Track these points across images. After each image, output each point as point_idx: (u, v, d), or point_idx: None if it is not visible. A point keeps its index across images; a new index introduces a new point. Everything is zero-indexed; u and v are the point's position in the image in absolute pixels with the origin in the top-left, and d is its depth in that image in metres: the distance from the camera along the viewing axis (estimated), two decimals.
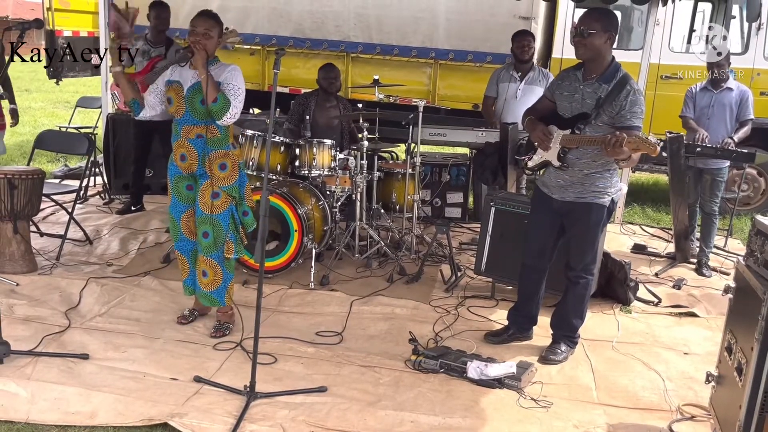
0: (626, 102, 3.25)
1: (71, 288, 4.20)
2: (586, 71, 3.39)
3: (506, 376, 3.29)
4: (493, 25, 6.76)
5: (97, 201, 6.41)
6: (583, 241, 3.51)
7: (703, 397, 3.13)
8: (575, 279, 3.59)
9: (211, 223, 3.57)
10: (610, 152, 3.14)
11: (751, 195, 7.32)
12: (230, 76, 3.50)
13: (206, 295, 3.70)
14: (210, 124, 3.51)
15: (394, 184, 5.44)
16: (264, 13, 7.37)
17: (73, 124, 8.29)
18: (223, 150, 3.57)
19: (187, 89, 3.51)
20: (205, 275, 3.65)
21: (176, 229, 3.71)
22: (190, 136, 3.53)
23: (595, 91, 3.33)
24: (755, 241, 2.68)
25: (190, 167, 3.57)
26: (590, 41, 3.27)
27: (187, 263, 3.76)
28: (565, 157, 3.41)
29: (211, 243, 3.59)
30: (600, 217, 3.47)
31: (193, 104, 3.48)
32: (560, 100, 3.48)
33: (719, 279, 5.07)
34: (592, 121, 3.32)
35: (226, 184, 3.56)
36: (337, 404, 3.04)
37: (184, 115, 3.52)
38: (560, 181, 3.47)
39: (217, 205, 3.56)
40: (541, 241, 3.64)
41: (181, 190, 3.65)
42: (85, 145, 5.25)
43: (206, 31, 3.45)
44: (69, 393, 3.01)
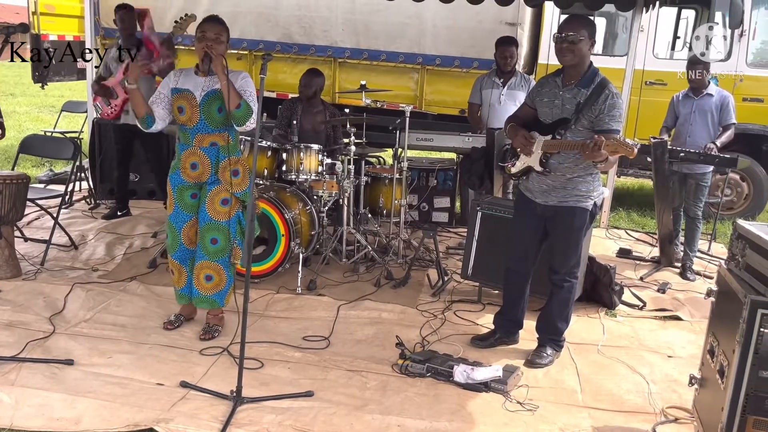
0: (605, 106, 3.29)
1: (56, 293, 4.17)
2: (565, 77, 3.43)
3: (492, 379, 3.30)
4: (480, 31, 6.80)
5: (82, 206, 6.37)
6: (567, 244, 3.54)
7: (687, 399, 3.16)
8: (559, 283, 3.61)
9: (219, 230, 3.56)
10: (589, 155, 3.18)
11: (735, 199, 7.40)
12: (245, 83, 3.50)
13: (207, 298, 3.69)
14: (224, 131, 3.51)
15: (381, 189, 5.45)
16: (251, 17, 7.37)
17: (59, 128, 8.26)
18: (235, 156, 3.58)
19: (202, 97, 3.47)
20: (210, 279, 3.65)
21: (176, 238, 3.65)
22: (203, 144, 3.52)
23: (575, 96, 3.37)
24: (736, 245, 2.71)
25: (201, 176, 3.56)
26: (579, 48, 3.32)
27: (185, 273, 3.70)
28: (547, 162, 3.44)
29: (219, 249, 3.59)
30: (583, 220, 3.50)
31: (209, 112, 3.46)
32: (541, 106, 3.51)
33: (703, 283, 5.12)
34: (573, 125, 3.36)
35: (240, 189, 3.57)
36: (323, 409, 3.04)
37: (197, 123, 3.49)
38: (543, 186, 3.50)
39: (226, 212, 3.56)
40: (524, 245, 3.67)
41: (185, 200, 3.61)
42: (70, 150, 5.22)
43: (217, 35, 3.43)
44: (53, 399, 2.99)
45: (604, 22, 8.15)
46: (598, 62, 7.61)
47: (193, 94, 3.48)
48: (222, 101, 3.43)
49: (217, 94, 3.45)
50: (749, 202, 7.40)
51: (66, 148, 5.33)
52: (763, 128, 7.15)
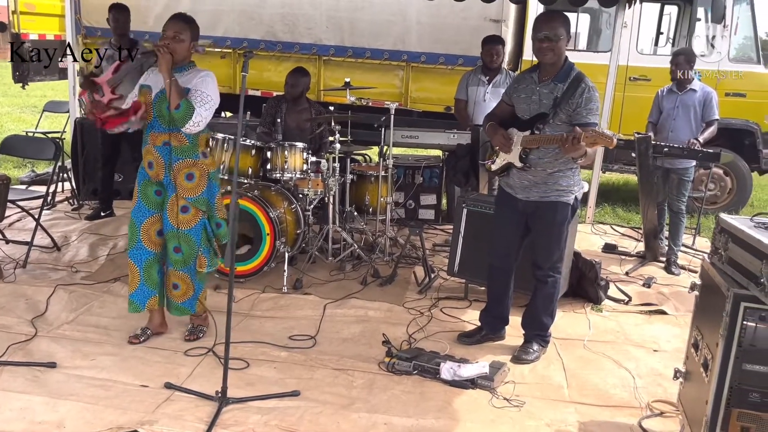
0: (582, 99, 3.31)
1: (38, 295, 4.12)
2: (542, 72, 3.44)
3: (479, 376, 3.30)
4: (464, 28, 6.80)
5: (65, 207, 6.30)
6: (549, 239, 3.55)
7: (672, 393, 3.18)
8: (543, 278, 3.62)
9: (180, 239, 3.47)
10: (569, 149, 3.19)
11: (718, 194, 7.46)
12: (200, 82, 3.39)
13: (177, 306, 3.63)
14: (176, 131, 3.39)
15: (367, 187, 5.44)
16: (235, 16, 7.32)
17: (41, 129, 8.16)
18: (191, 159, 3.46)
19: (155, 94, 3.42)
20: (177, 288, 3.58)
21: (135, 234, 3.52)
22: (157, 143, 3.44)
23: (552, 91, 3.38)
24: (719, 239, 2.73)
25: (158, 175, 3.47)
26: (559, 46, 3.33)
27: (138, 275, 3.54)
28: (527, 158, 3.45)
29: (182, 258, 3.50)
30: (565, 215, 3.52)
31: (160, 110, 3.39)
32: (518, 102, 3.52)
33: (688, 277, 5.15)
34: (551, 120, 3.38)
35: (193, 195, 3.45)
36: (309, 408, 3.02)
37: (152, 121, 3.44)
38: (524, 182, 3.51)
39: (186, 220, 3.45)
40: (507, 241, 3.68)
41: (149, 195, 3.53)
42: (52, 150, 5.16)
43: (176, 34, 3.35)
44: (35, 402, 2.95)
45: (588, 18, 8.18)
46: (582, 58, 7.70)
47: (150, 91, 3.43)
48: None
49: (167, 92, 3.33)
50: (732, 197, 7.47)
51: (48, 149, 5.26)
52: (745, 123, 7.22)
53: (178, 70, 3.39)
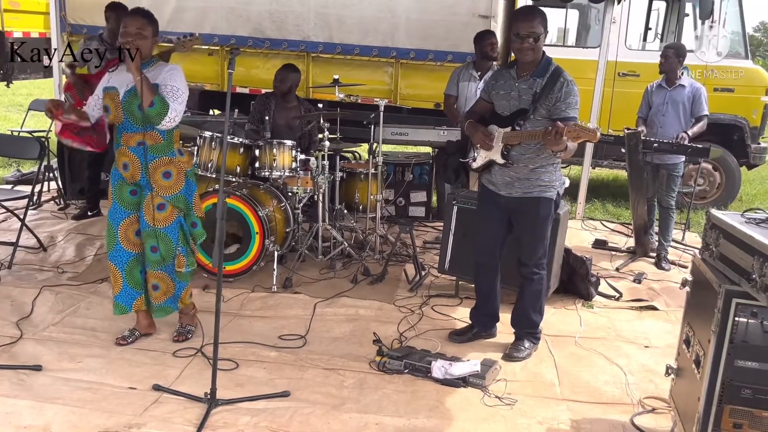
0: (561, 93, 3.31)
1: (23, 297, 4.06)
2: (520, 68, 3.44)
3: (471, 374, 3.28)
4: (454, 24, 6.76)
5: (51, 207, 6.23)
6: (533, 235, 3.55)
7: (664, 389, 3.17)
8: (529, 276, 3.61)
9: (157, 237, 3.41)
10: (551, 143, 3.19)
11: (707, 189, 7.49)
12: (169, 76, 3.32)
13: (159, 307, 3.56)
14: (150, 130, 3.33)
15: (357, 184, 5.41)
16: (222, 13, 7.25)
17: (26, 127, 8.05)
18: (167, 157, 3.41)
19: (123, 94, 3.32)
20: (157, 288, 3.51)
21: (113, 237, 3.45)
22: (130, 143, 3.36)
23: (531, 87, 3.38)
24: (710, 235, 2.72)
25: (134, 176, 3.40)
26: (538, 45, 3.33)
27: (120, 277, 3.48)
28: (509, 154, 3.45)
29: (159, 258, 3.44)
30: (548, 210, 3.53)
31: (131, 110, 3.30)
32: (497, 99, 3.51)
33: (678, 272, 5.16)
34: (531, 115, 3.37)
35: (170, 193, 3.40)
36: (300, 409, 2.99)
37: (123, 122, 3.36)
38: (506, 178, 3.50)
39: (163, 218, 3.39)
40: (491, 238, 3.67)
41: (124, 196, 3.45)
42: (37, 150, 5.09)
43: (138, 30, 3.27)
44: (21, 406, 2.91)
45: (577, 14, 8.19)
46: (571, 54, 7.69)
47: (117, 92, 3.34)
48: None
49: (136, 91, 3.27)
50: (722, 192, 7.49)
51: (33, 148, 5.18)
52: (734, 118, 7.24)
53: (143, 66, 3.31)
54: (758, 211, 2.65)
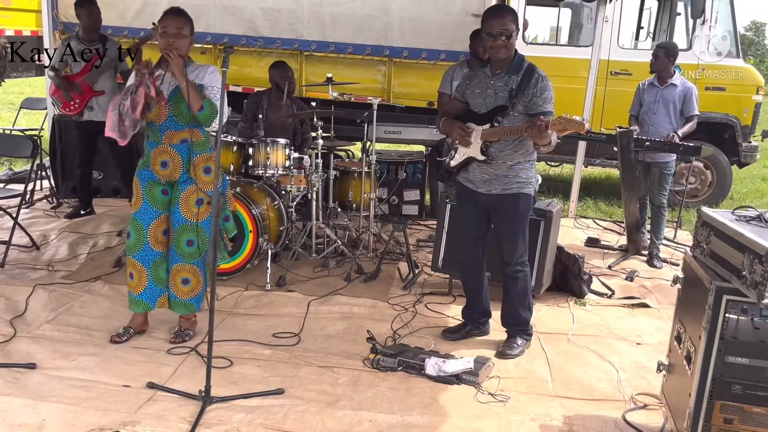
0: (537, 89, 3.36)
1: (17, 295, 4.05)
2: (494, 66, 3.48)
3: (464, 371, 3.30)
4: (447, 23, 6.79)
5: (44, 205, 6.21)
6: (514, 232, 3.57)
7: (656, 386, 3.20)
8: (513, 274, 3.63)
9: (195, 231, 3.46)
10: (536, 136, 3.22)
11: (699, 187, 7.54)
12: (213, 78, 3.39)
13: (185, 303, 3.57)
14: (195, 127, 3.41)
15: (350, 183, 5.41)
16: (216, 11, 7.24)
17: (18, 126, 8.03)
18: (207, 153, 3.48)
19: (170, 93, 3.36)
20: (187, 283, 3.54)
21: (142, 237, 3.47)
22: (173, 141, 3.40)
23: (506, 84, 3.42)
24: (701, 233, 2.74)
25: (172, 174, 3.43)
26: (511, 42, 3.37)
27: (146, 275, 3.50)
28: (488, 150, 3.47)
29: (195, 250, 3.48)
30: (528, 206, 3.57)
31: (178, 108, 3.35)
32: (473, 98, 3.54)
33: (670, 270, 5.19)
34: (510, 112, 3.40)
35: (211, 188, 3.44)
36: (294, 406, 3.00)
37: (166, 120, 3.38)
38: (485, 176, 3.53)
39: (202, 212, 3.46)
40: (473, 236, 3.70)
41: (155, 195, 3.48)
42: (29, 148, 5.08)
43: (178, 30, 3.30)
44: (15, 404, 2.90)
45: (570, 12, 8.22)
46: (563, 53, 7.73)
47: (161, 91, 3.36)
48: None
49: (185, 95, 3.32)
50: (713, 190, 7.54)
51: (25, 146, 5.18)
52: (725, 116, 7.29)
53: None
54: (749, 209, 2.67)
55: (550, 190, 7.94)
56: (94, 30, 5.59)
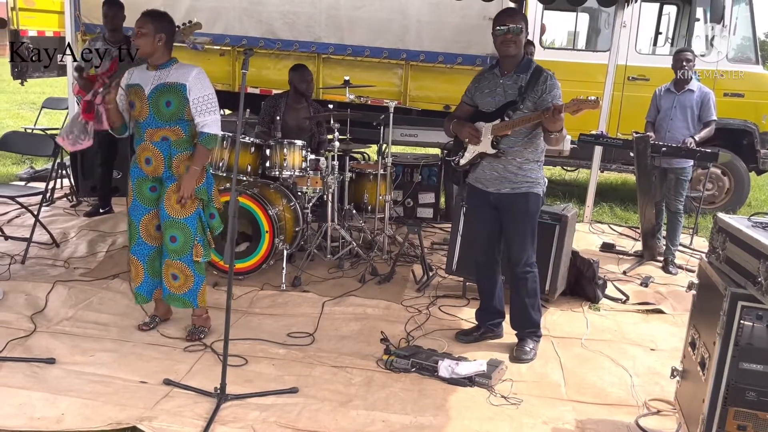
0: (545, 86, 3.44)
1: (37, 291, 4.12)
2: (503, 67, 3.55)
3: (477, 374, 3.31)
4: (464, 27, 6.80)
5: (64, 203, 6.30)
6: (524, 231, 3.59)
7: (669, 391, 3.19)
8: (523, 275, 3.64)
9: (178, 227, 3.50)
10: (549, 121, 3.26)
11: (716, 194, 7.48)
12: (198, 85, 3.42)
13: (178, 297, 3.64)
14: (175, 125, 3.45)
15: (365, 185, 5.44)
16: (235, 13, 7.31)
17: (39, 125, 8.15)
18: (189, 152, 3.52)
19: (150, 91, 3.42)
20: (176, 278, 3.60)
21: (135, 232, 3.61)
22: (154, 139, 3.47)
23: (515, 82, 3.49)
24: (717, 239, 2.74)
25: (156, 170, 3.51)
26: (520, 39, 3.45)
27: (141, 269, 3.64)
28: (499, 144, 3.51)
29: (179, 247, 3.53)
30: (537, 206, 3.61)
31: (158, 106, 3.41)
32: (482, 98, 3.60)
33: (685, 276, 5.16)
34: (520, 107, 3.45)
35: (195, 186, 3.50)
36: (308, 405, 3.03)
37: (147, 117, 3.45)
38: (495, 173, 3.56)
39: (184, 209, 3.50)
40: (486, 235, 3.72)
41: (144, 192, 3.58)
42: (50, 147, 5.16)
43: (138, 29, 3.37)
44: (35, 398, 2.96)
45: (587, 17, 8.19)
46: (580, 58, 7.70)
47: (142, 89, 3.44)
48: (169, 95, 3.39)
49: (166, 87, 3.39)
50: (730, 197, 7.48)
51: (47, 145, 5.27)
52: (743, 123, 7.23)
53: (163, 67, 3.43)
54: (765, 215, 2.67)
55: (566, 195, 7.92)
56: (114, 31, 5.66)
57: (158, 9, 3.55)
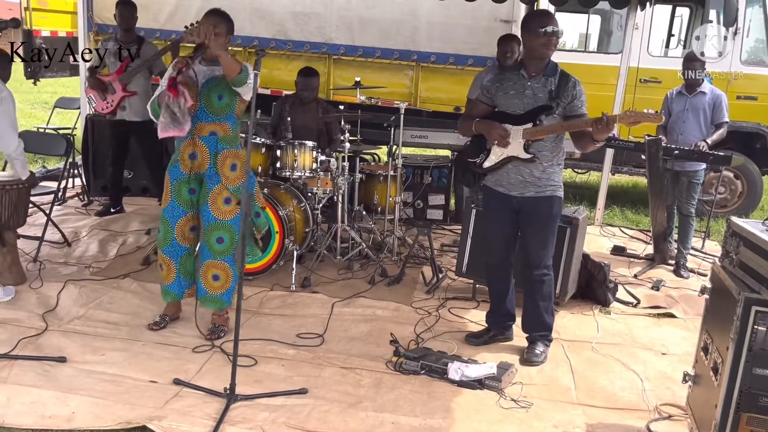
0: (575, 91, 3.43)
1: (48, 290, 4.15)
2: (530, 68, 3.49)
3: (487, 376, 3.30)
4: (475, 28, 6.79)
5: (75, 203, 6.34)
6: (546, 234, 3.58)
7: (681, 396, 3.17)
8: (540, 278, 3.63)
9: (225, 229, 3.54)
10: (600, 132, 3.27)
11: (728, 197, 7.42)
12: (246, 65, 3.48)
13: (215, 298, 3.66)
14: (225, 121, 3.51)
15: (375, 186, 5.44)
16: (246, 14, 7.33)
17: (52, 125, 8.19)
18: (234, 149, 3.56)
19: (202, 84, 3.48)
20: (217, 279, 3.62)
21: (169, 233, 3.61)
22: (202, 133, 3.50)
23: (544, 85, 3.46)
24: (730, 243, 2.72)
25: (200, 166, 3.53)
26: (558, 42, 3.44)
27: (174, 269, 3.66)
28: (529, 148, 3.48)
29: (226, 248, 3.57)
30: (560, 209, 3.61)
31: (209, 100, 3.47)
32: (506, 99, 3.53)
33: (697, 280, 5.13)
34: (555, 113, 3.43)
35: (236, 184, 3.54)
36: (317, 406, 3.03)
37: (197, 111, 3.48)
38: (519, 177, 3.53)
39: (230, 210, 3.54)
40: (504, 238, 3.70)
41: (182, 194, 3.59)
42: (63, 147, 5.20)
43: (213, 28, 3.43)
44: (46, 396, 2.97)
45: (599, 19, 8.16)
46: (592, 60, 7.67)
47: (195, 81, 3.48)
48: (222, 89, 3.45)
49: (218, 80, 3.46)
50: (743, 200, 7.42)
51: (59, 145, 5.30)
52: (756, 126, 7.17)
53: (216, 62, 3.47)
54: None
55: (577, 198, 7.89)
56: (127, 31, 5.69)
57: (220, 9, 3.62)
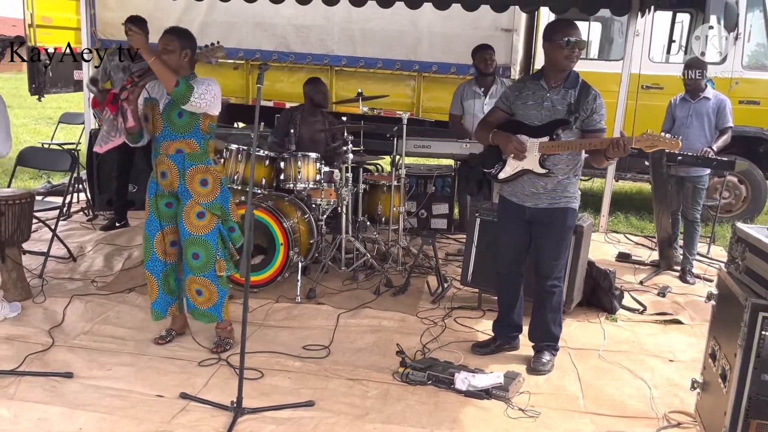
0: (595, 105, 3.38)
1: (55, 306, 4.15)
2: (551, 79, 3.44)
3: (494, 386, 3.29)
4: (476, 38, 6.80)
5: (80, 218, 6.35)
6: (559, 246, 3.57)
7: (689, 403, 3.15)
8: (550, 289, 3.61)
9: (199, 244, 3.53)
10: (616, 153, 3.23)
11: (733, 202, 7.41)
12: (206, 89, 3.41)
13: (204, 312, 3.66)
14: (189, 138, 3.48)
15: (379, 197, 5.44)
16: (248, 27, 7.39)
17: (56, 140, 8.25)
18: (203, 165, 3.54)
19: (164, 104, 3.50)
20: (200, 294, 3.62)
21: (149, 247, 3.62)
22: (169, 151, 3.50)
23: (564, 97, 3.41)
24: (736, 249, 2.71)
25: (172, 184, 3.54)
26: (580, 53, 3.38)
27: (156, 285, 3.66)
28: (545, 163, 3.46)
29: (202, 264, 3.55)
30: (573, 220, 3.60)
31: (171, 118, 3.47)
32: (525, 109, 3.48)
33: (703, 286, 5.11)
34: (573, 128, 3.39)
35: (208, 200, 3.52)
36: (324, 418, 3.02)
37: (162, 130, 3.50)
38: (533, 189, 3.51)
39: (203, 225, 3.52)
40: (516, 249, 3.68)
41: (159, 207, 3.59)
42: (67, 162, 5.22)
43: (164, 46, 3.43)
44: (53, 413, 2.97)
45: (600, 26, 8.18)
46: (594, 67, 7.68)
47: (157, 102, 3.52)
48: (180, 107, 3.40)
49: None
50: (747, 205, 7.41)
51: (63, 160, 5.33)
52: (760, 130, 7.17)
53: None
54: None
55: (581, 204, 7.87)
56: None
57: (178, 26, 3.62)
